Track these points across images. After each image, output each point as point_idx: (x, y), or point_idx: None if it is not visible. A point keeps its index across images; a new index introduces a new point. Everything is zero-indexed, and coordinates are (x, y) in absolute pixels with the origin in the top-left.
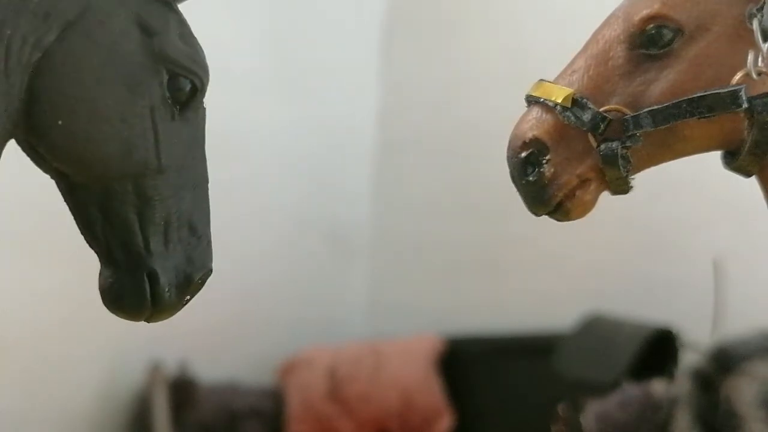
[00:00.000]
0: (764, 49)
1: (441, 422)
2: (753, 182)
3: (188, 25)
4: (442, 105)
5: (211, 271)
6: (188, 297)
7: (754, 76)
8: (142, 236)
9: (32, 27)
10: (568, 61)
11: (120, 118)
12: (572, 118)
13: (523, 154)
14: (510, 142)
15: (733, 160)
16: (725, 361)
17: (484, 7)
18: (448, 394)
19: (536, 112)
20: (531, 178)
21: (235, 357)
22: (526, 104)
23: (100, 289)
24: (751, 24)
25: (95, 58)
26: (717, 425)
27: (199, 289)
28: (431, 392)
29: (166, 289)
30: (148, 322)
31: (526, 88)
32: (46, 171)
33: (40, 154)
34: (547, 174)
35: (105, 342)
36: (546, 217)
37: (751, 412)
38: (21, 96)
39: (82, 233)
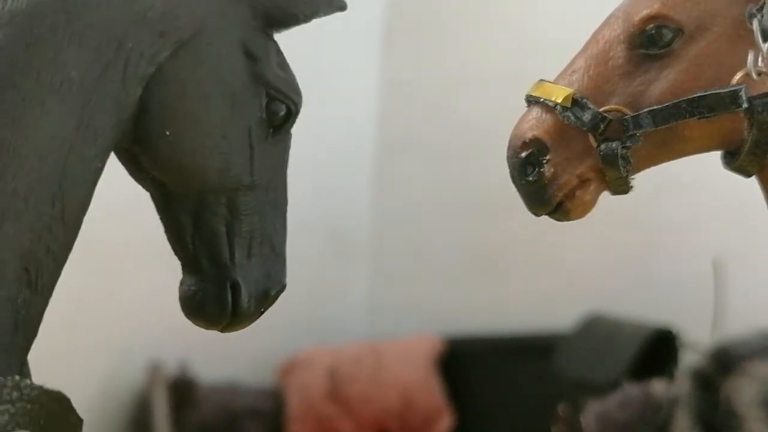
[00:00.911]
0: (764, 49)
1: (441, 422)
2: (753, 182)
3: (284, 55)
4: (442, 105)
5: (285, 287)
6: (263, 309)
7: (754, 76)
8: (229, 248)
9: (150, 43)
10: (568, 61)
11: (222, 134)
12: (572, 118)
13: (523, 154)
14: (510, 142)
15: (733, 160)
16: (725, 361)
17: (484, 8)
18: (448, 394)
19: (536, 112)
20: (531, 178)
21: (235, 357)
22: (526, 104)
23: (181, 296)
24: (751, 24)
25: (204, 76)
26: (717, 425)
27: (273, 303)
28: (431, 392)
29: (247, 301)
30: (222, 332)
31: (526, 88)
32: (140, 180)
33: (139, 164)
34: (547, 174)
35: (105, 342)
36: (546, 217)
37: (751, 412)
38: (134, 107)
39: (170, 242)
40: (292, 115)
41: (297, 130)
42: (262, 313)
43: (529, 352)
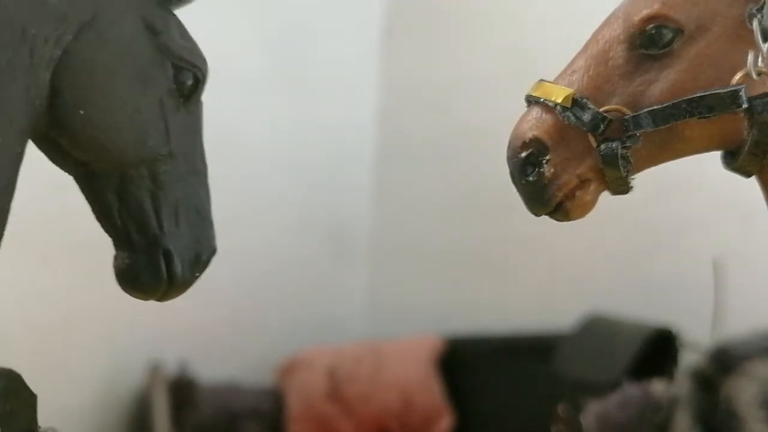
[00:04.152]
0: (764, 49)
1: (441, 422)
2: (753, 182)
3: (184, 26)
4: (442, 105)
5: (215, 250)
6: (197, 275)
7: (754, 76)
8: (156, 218)
9: (53, 27)
10: (568, 61)
11: (134, 108)
12: (572, 118)
13: (523, 154)
14: (510, 142)
15: (733, 160)
16: (725, 361)
17: (485, 7)
18: (448, 394)
19: (536, 112)
20: (531, 178)
21: (235, 357)
22: (526, 104)
23: (116, 270)
24: (751, 24)
25: (109, 54)
26: (717, 425)
27: (206, 268)
28: (431, 392)
29: (180, 267)
30: (160, 301)
31: (526, 89)
32: (62, 164)
33: (59, 147)
34: (547, 174)
35: (105, 342)
36: (546, 217)
37: (751, 412)
38: (45, 91)
39: (98, 220)
40: (200, 82)
41: (297, 130)
42: (197, 278)
43: (529, 352)
